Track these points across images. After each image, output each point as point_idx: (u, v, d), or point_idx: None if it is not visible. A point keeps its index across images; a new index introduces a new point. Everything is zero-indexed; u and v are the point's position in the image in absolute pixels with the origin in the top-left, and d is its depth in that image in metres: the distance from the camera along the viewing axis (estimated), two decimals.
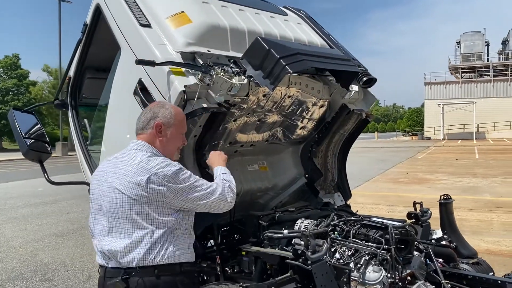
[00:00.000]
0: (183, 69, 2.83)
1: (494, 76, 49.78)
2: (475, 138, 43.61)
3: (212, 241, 3.52)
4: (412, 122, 63.10)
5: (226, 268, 3.45)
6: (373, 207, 9.51)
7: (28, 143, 3.39)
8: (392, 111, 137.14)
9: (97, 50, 3.74)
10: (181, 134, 2.45)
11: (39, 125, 3.59)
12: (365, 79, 3.62)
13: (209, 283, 3.08)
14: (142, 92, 2.93)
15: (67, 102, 4.04)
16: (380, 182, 14.61)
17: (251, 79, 2.92)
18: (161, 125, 2.34)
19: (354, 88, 3.86)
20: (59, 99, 4.12)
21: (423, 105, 60.08)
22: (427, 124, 51.68)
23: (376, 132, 63.19)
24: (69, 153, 32.66)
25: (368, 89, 4.00)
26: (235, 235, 3.64)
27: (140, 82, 2.95)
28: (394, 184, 14.04)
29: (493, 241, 6.93)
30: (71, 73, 3.93)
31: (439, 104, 47.42)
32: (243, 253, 3.19)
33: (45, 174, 3.50)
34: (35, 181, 15.35)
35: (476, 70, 51.74)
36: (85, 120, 4.07)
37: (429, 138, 48.21)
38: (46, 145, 3.48)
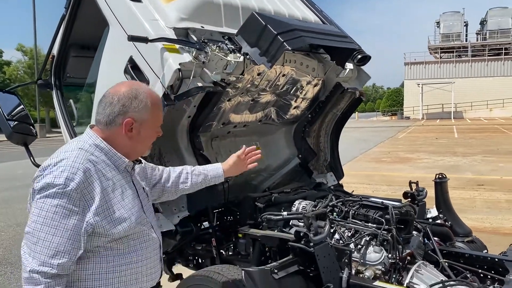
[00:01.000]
0: (177, 46, 2.71)
1: (472, 56, 50.42)
2: (453, 118, 44.30)
3: (206, 223, 3.45)
4: (391, 102, 63.67)
5: (222, 251, 3.40)
6: (358, 187, 9.56)
7: (12, 125, 3.22)
8: (371, 91, 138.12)
9: (82, 26, 3.56)
10: (157, 128, 1.90)
11: (22, 106, 3.41)
12: (359, 56, 3.53)
13: (209, 266, 3.03)
14: (133, 71, 2.80)
15: (51, 82, 3.85)
16: (363, 162, 14.72)
17: (247, 56, 2.81)
18: (132, 122, 1.78)
19: (349, 66, 3.79)
20: (42, 79, 3.93)
21: (402, 85, 60.61)
22: (407, 104, 52.24)
23: (356, 112, 63.67)
24: (47, 135, 31.98)
25: (362, 67, 3.94)
26: (230, 217, 3.58)
27: (131, 60, 2.81)
28: (377, 164, 14.16)
29: (477, 218, 7.05)
30: (55, 51, 3.74)
31: (418, 84, 47.88)
32: (240, 235, 3.13)
33: (31, 158, 3.34)
34: (13, 164, 14.95)
35: (454, 50, 52.29)
36: (71, 101, 3.89)
37: (408, 118, 48.80)
38: (31, 127, 3.32)
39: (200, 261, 3.55)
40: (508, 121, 35.90)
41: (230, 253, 3.44)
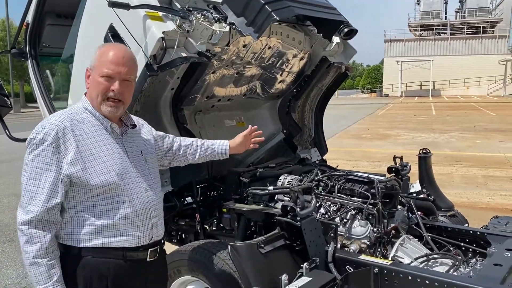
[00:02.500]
0: (160, 14, 2.59)
1: (451, 34, 50.77)
2: (431, 95, 44.84)
3: (189, 198, 3.39)
4: (371, 79, 64.03)
5: (205, 226, 3.36)
6: (338, 162, 9.55)
7: None
8: None
9: None
10: (101, 76, 1.89)
11: None
12: (346, 30, 3.48)
13: (193, 242, 2.99)
14: (114, 39, 2.67)
15: (25, 51, 3.67)
16: (343, 138, 14.82)
17: (233, 26, 2.72)
18: (88, 70, 1.97)
19: (335, 40, 3.72)
20: (16, 48, 3.73)
21: (382, 63, 60.88)
22: (386, 82, 52.51)
23: None
24: (22, 110, 31.14)
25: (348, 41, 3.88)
26: (214, 193, 3.53)
27: (112, 28, 2.68)
28: (357, 140, 14.29)
29: (455, 193, 7.19)
30: (29, 19, 3.55)
31: (397, 62, 48.13)
32: (224, 210, 3.09)
33: (6, 130, 3.20)
34: None
35: (434, 28, 52.54)
36: (47, 71, 3.72)
37: (387, 95, 49.18)
38: (6, 98, 3.16)
39: (183, 236, 3.51)
40: (484, 99, 36.61)
41: (214, 228, 3.41)
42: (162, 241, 2.17)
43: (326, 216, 2.84)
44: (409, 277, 2.27)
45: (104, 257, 1.88)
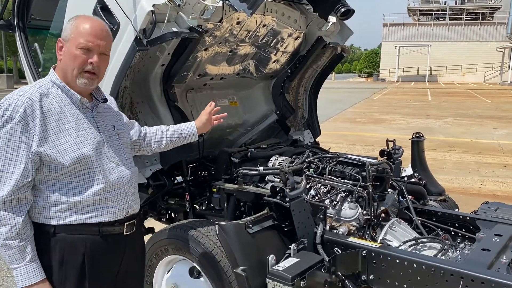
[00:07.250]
0: None
1: (450, 20, 50.41)
2: (428, 81, 44.78)
3: (180, 178, 3.37)
4: (368, 63, 63.76)
5: (195, 205, 3.34)
6: (332, 146, 9.54)
7: None
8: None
9: None
10: (79, 49, 1.81)
11: None
12: (343, 10, 3.42)
13: (181, 221, 2.97)
14: (103, 12, 2.59)
15: (13, 23, 3.57)
16: (338, 122, 14.81)
17: (226, 2, 2.64)
18: (61, 41, 1.86)
19: (331, 19, 3.65)
20: (3, 19, 3.63)
21: (379, 47, 60.53)
22: (383, 66, 52.31)
23: (333, 73, 63.24)
24: (15, 86, 30.79)
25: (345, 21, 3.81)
26: (204, 172, 3.50)
27: (100, 1, 2.60)
28: (352, 124, 14.27)
29: (447, 179, 7.21)
30: None
31: (395, 46, 47.86)
32: (214, 190, 3.06)
33: None
34: None
35: (433, 13, 52.12)
36: (36, 45, 3.63)
37: (384, 80, 49.03)
38: None
39: (173, 215, 3.50)
40: (480, 86, 36.63)
41: (203, 207, 3.39)
42: (140, 213, 2.15)
43: (316, 197, 2.82)
44: (397, 260, 2.27)
45: (80, 234, 1.86)
